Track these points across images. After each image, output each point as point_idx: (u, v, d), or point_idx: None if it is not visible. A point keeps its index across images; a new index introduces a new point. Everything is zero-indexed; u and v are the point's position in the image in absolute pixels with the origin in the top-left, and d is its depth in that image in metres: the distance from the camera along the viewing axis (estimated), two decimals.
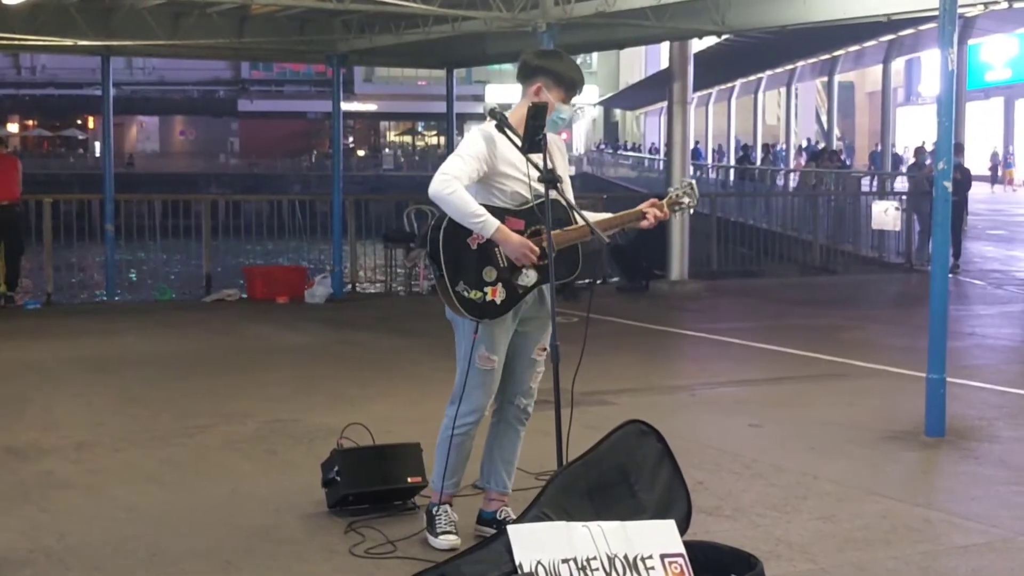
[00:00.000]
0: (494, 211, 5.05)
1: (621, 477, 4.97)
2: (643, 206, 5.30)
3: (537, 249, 5.08)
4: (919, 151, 22.29)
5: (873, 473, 6.75)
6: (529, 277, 5.15)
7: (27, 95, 68.77)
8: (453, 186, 4.96)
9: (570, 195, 5.27)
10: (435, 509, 5.36)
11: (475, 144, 5.11)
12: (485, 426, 5.46)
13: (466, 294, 5.06)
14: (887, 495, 6.23)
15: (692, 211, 5.46)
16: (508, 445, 5.44)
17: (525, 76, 5.32)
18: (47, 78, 66.78)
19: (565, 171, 5.33)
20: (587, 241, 5.28)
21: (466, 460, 5.38)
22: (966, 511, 5.97)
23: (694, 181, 5.53)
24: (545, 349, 5.35)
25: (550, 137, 5.22)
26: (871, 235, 19.99)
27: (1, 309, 14.13)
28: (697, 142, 48.91)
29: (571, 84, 5.25)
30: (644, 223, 5.27)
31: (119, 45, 15.26)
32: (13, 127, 71.91)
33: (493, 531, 5.01)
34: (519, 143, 5.13)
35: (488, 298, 5.08)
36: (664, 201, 5.34)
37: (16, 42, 14.78)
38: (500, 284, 5.09)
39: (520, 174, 5.16)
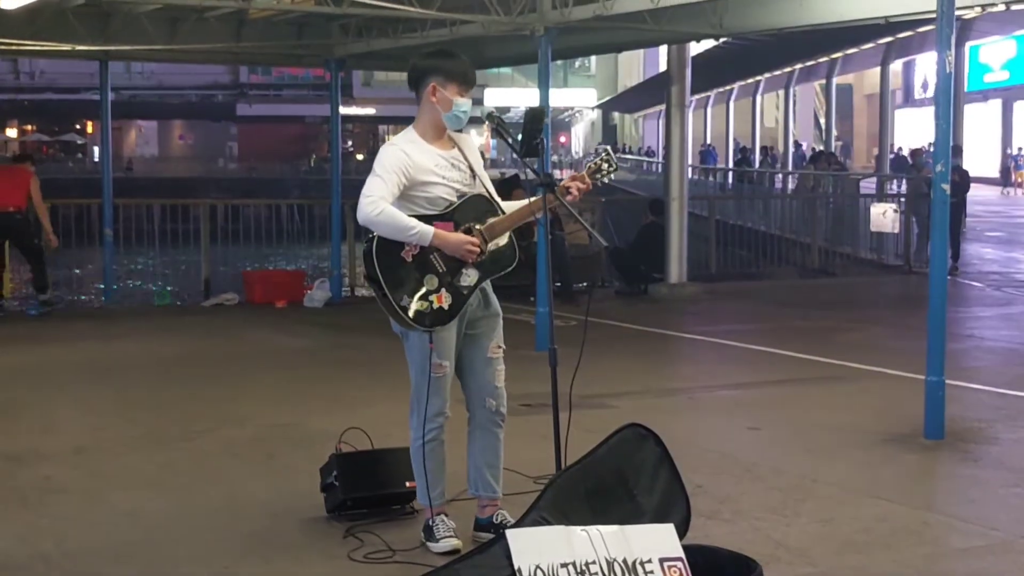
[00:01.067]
0: (419, 219, 5.08)
1: (620, 481, 4.97)
2: (565, 180, 5.30)
3: (477, 241, 5.13)
4: (916, 153, 22.28)
5: (872, 476, 6.75)
6: (470, 277, 5.19)
7: (26, 100, 68.72)
8: (380, 206, 5.00)
9: (490, 188, 5.35)
10: (430, 521, 5.35)
11: (391, 159, 5.12)
12: (462, 435, 5.45)
13: (412, 307, 5.07)
14: (886, 498, 6.23)
15: (611, 178, 5.45)
16: (489, 449, 5.42)
17: (417, 79, 5.28)
18: (46, 83, 66.68)
19: (480, 166, 5.36)
20: (586, 245, 5.34)
21: (443, 467, 5.36)
22: (966, 513, 5.97)
23: (609, 147, 5.61)
24: (500, 347, 5.38)
25: (457, 136, 5.31)
26: (870, 237, 19.99)
27: (45, 315, 14.18)
28: (711, 145, 48.82)
29: (463, 78, 5.24)
30: (569, 197, 5.24)
31: (117, 50, 15.24)
32: (12, 132, 71.92)
33: (491, 536, 5.00)
34: (516, 147, 5.17)
35: (435, 306, 5.10)
36: (584, 172, 5.37)
37: (14, 47, 14.76)
38: (443, 289, 5.12)
39: (439, 179, 5.19)
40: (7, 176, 14.42)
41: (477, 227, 5.20)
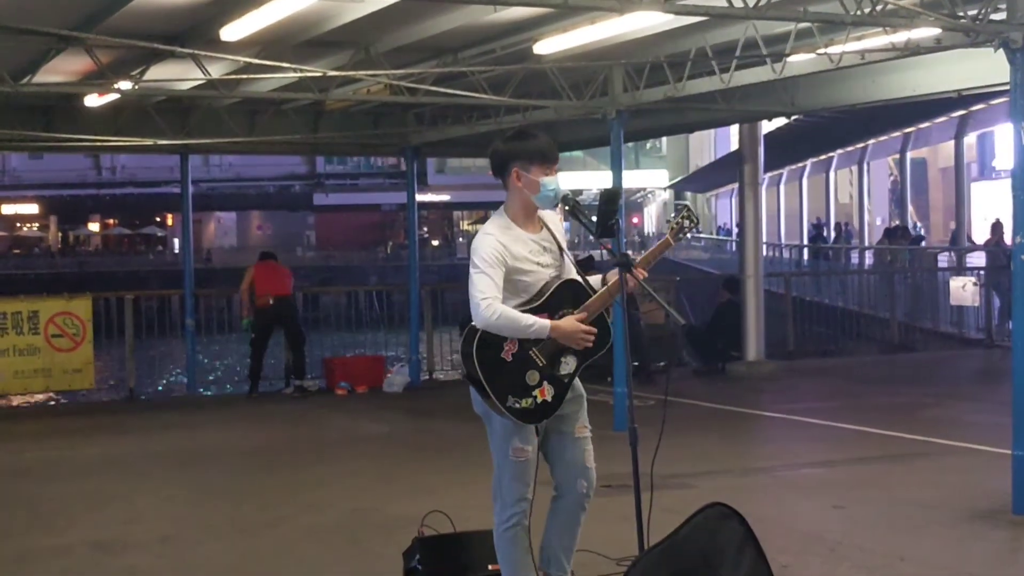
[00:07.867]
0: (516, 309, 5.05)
1: (703, 562, 4.93)
2: (646, 255, 5.30)
3: (592, 329, 5.07)
4: (996, 227, 22.00)
5: (961, 553, 6.64)
6: (569, 364, 5.14)
7: (107, 195, 70.04)
8: (496, 308, 4.96)
9: (571, 261, 5.32)
10: None
11: (490, 251, 5.05)
12: (542, 511, 5.40)
13: (519, 405, 5.04)
14: (976, 575, 6.12)
15: (696, 231, 5.36)
16: (568, 531, 5.33)
17: (499, 166, 5.22)
18: (126, 177, 68.00)
19: (564, 240, 5.33)
20: (661, 324, 5.29)
21: (528, 555, 5.22)
22: None
23: (688, 203, 5.52)
24: (586, 427, 5.32)
25: (545, 213, 5.25)
26: (950, 311, 19.73)
27: (297, 399, 14.62)
28: None
29: (543, 157, 5.16)
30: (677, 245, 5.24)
31: (197, 143, 15.57)
32: (94, 226, 73.36)
33: None
34: (592, 228, 5.17)
35: (539, 400, 5.06)
36: (668, 236, 5.25)
37: (99, 143, 15.15)
38: (545, 382, 5.08)
39: (534, 266, 5.14)
40: (271, 269, 15.20)
41: (571, 312, 5.12)
